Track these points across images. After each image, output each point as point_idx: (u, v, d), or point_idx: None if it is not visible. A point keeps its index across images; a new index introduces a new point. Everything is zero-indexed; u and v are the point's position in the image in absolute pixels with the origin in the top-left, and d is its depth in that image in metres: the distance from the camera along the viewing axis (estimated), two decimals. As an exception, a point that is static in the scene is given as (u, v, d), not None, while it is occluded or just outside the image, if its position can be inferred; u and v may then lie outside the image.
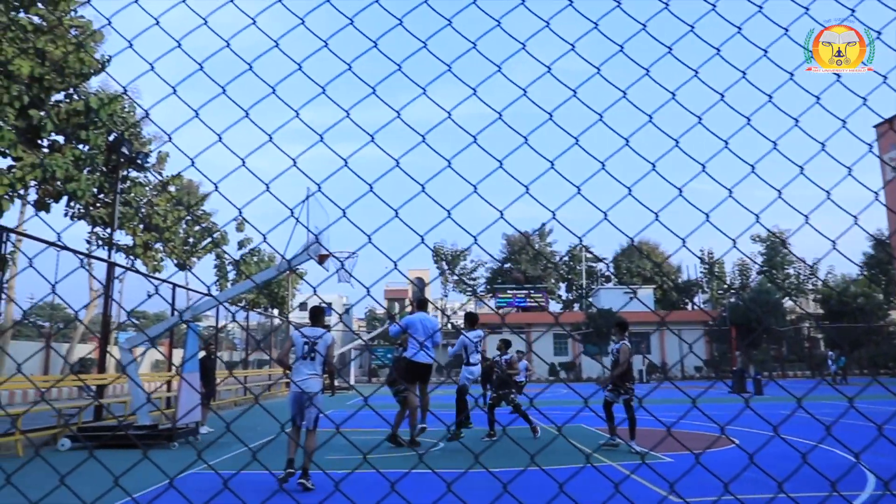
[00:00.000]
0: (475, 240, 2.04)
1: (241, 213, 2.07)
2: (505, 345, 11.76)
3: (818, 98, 2.21)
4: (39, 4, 18.98)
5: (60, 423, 10.82)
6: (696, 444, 9.32)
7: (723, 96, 2.21)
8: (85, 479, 1.87)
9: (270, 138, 2.04)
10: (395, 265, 2.10)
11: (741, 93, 2.33)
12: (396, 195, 2.06)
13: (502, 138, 2.29)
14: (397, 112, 2.09)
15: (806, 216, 2.14)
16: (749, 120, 2.20)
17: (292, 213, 2.07)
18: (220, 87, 2.08)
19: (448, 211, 2.04)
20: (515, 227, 2.19)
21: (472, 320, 10.71)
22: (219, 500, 6.07)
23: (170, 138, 2.07)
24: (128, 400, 12.59)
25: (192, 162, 2.07)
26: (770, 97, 2.19)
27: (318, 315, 7.64)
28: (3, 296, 17.72)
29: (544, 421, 11.77)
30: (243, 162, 2.03)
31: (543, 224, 55.79)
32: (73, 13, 20.13)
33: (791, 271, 54.17)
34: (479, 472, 7.06)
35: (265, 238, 2.07)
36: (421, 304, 10.41)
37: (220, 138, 2.06)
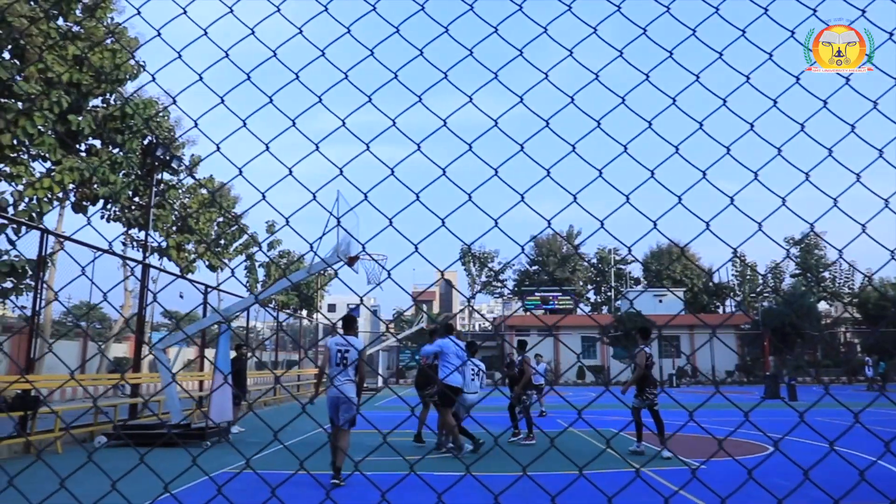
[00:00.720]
0: (522, 249, 2.03)
1: (264, 196, 2.09)
2: (521, 346, 11.82)
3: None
4: (77, 12, 19.48)
5: (98, 420, 11.07)
6: (734, 451, 9.15)
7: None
8: (119, 475, 1.90)
9: (293, 123, 2.06)
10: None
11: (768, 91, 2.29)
12: (440, 201, 2.07)
13: (549, 144, 2.28)
14: (442, 119, 2.09)
15: (863, 225, 2.09)
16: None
17: (314, 196, 2.09)
18: (245, 74, 2.11)
19: (495, 221, 2.04)
20: (541, 227, 2.18)
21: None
22: (253, 497, 6.15)
23: (196, 124, 2.10)
24: (162, 399, 12.83)
25: (218, 147, 2.11)
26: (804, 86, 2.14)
27: (349, 323, 7.98)
28: (43, 296, 18.22)
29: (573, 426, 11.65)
30: (267, 147, 2.06)
31: (581, 234, 55.57)
32: (109, 19, 20.63)
33: (827, 274, 52.90)
34: (508, 476, 7.04)
35: (287, 221, 2.08)
36: (448, 328, 10.70)
37: (245, 123, 2.09)
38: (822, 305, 51.05)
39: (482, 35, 2.14)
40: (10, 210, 18.12)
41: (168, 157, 17.87)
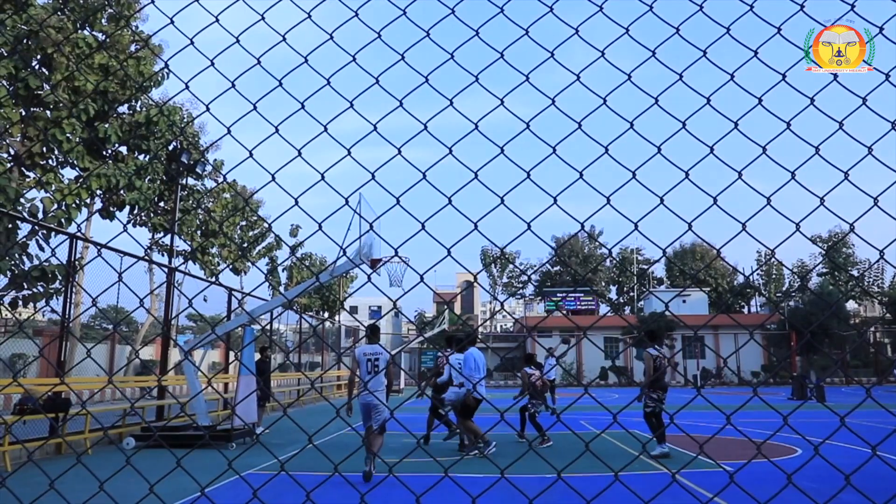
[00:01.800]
0: (555, 251, 2.04)
1: (297, 202, 2.13)
2: (527, 360, 11.98)
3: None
4: (104, 21, 19.86)
5: (125, 422, 11.26)
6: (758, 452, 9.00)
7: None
8: (150, 475, 1.95)
9: (325, 129, 2.09)
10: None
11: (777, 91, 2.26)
12: (463, 203, 2.08)
13: (578, 146, 2.28)
14: (473, 122, 2.11)
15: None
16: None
17: (347, 201, 2.12)
18: (277, 80, 2.14)
19: (528, 224, 2.05)
20: (563, 228, 2.18)
21: (454, 343, 10.69)
22: (281, 498, 6.22)
23: (228, 130, 2.15)
24: (187, 401, 13.01)
25: (251, 153, 2.15)
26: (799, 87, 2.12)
27: (375, 331, 8.44)
28: (72, 300, 18.61)
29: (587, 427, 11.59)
30: (299, 153, 2.09)
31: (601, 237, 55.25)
32: (135, 26, 20.99)
33: (855, 272, 51.91)
34: (535, 478, 7.03)
35: (320, 226, 2.11)
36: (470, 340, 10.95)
37: (277, 129, 2.12)
38: (850, 304, 50.08)
39: (510, 36, 2.15)
40: (40, 216, 18.54)
41: (192, 163, 18.12)
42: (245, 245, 29.06)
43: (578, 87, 2.14)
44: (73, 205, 19.56)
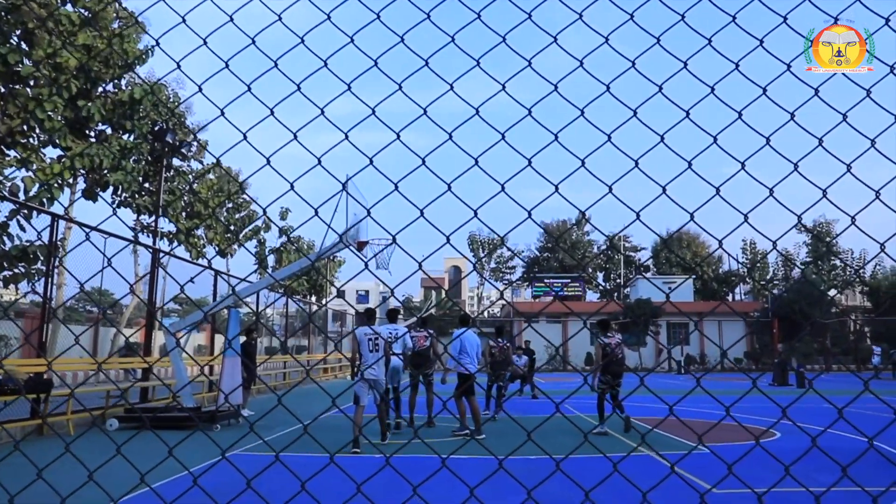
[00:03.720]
0: (556, 244, 2.00)
1: (292, 186, 2.07)
2: (498, 331, 12.92)
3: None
4: (86, -3, 19.44)
5: (109, 403, 11.18)
6: (744, 437, 9.14)
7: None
8: (134, 456, 1.91)
9: (322, 112, 2.04)
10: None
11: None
12: (457, 189, 2.03)
13: (577, 133, 2.24)
14: (474, 107, 2.06)
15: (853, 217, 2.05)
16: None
17: (344, 187, 2.08)
18: (272, 61, 2.08)
19: (528, 212, 2.01)
20: (551, 214, 2.14)
21: (392, 316, 10.52)
22: (264, 478, 6.20)
23: (222, 112, 2.08)
24: (172, 382, 12.93)
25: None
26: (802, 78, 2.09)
27: (371, 315, 9.18)
28: (54, 281, 18.39)
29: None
30: (295, 136, 2.03)
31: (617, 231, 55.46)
32: (116, 3, 20.58)
33: (838, 262, 52.51)
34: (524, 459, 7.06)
35: (316, 211, 2.05)
36: (463, 320, 11.10)
37: (272, 112, 2.06)
38: (832, 293, 50.74)
39: (513, 20, 2.10)
40: (21, 196, 18.22)
41: (178, 143, 17.89)
42: (232, 227, 28.82)
43: (580, 74, 2.10)
44: (56, 185, 19.27)
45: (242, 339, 13.01)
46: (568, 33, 2.13)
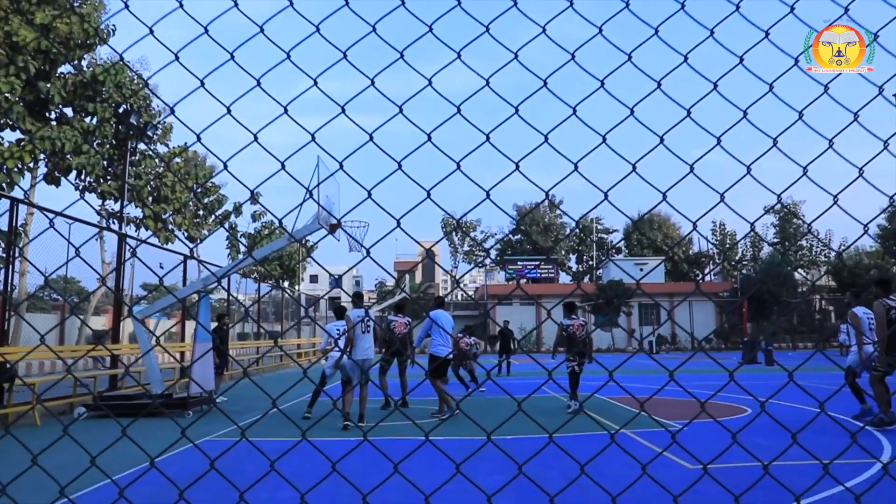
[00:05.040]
0: (518, 221, 1.94)
1: (252, 193, 1.97)
2: (570, 308, 11.43)
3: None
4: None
5: (77, 391, 10.92)
6: (715, 414, 9.24)
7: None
8: (101, 445, 1.81)
9: (315, 83, 1.93)
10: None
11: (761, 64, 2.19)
12: (416, 169, 1.95)
13: (540, 110, 2.16)
14: (428, 81, 1.96)
15: (835, 196, 2.02)
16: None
17: (341, 165, 1.98)
18: (229, 53, 1.96)
19: (487, 193, 1.93)
20: (524, 197, 2.06)
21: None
22: (237, 463, 6.10)
23: (172, 110, 1.96)
24: (142, 370, 12.68)
25: (199, 137, 1.97)
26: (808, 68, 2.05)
27: (360, 297, 10.06)
28: (17, 269, 17.84)
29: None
30: (285, 109, 1.93)
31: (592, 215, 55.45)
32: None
33: (804, 243, 53.68)
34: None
35: (310, 193, 1.96)
36: (439, 302, 11.13)
37: (229, 110, 1.95)
38: (798, 274, 51.87)
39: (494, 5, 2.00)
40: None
41: (141, 125, 17.41)
42: (201, 212, 28.28)
43: (546, 43, 2.02)
44: (16, 168, 18.66)
45: (214, 324, 12.80)
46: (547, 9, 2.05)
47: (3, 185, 17.93)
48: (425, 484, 2.09)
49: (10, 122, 18.37)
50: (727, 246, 53.81)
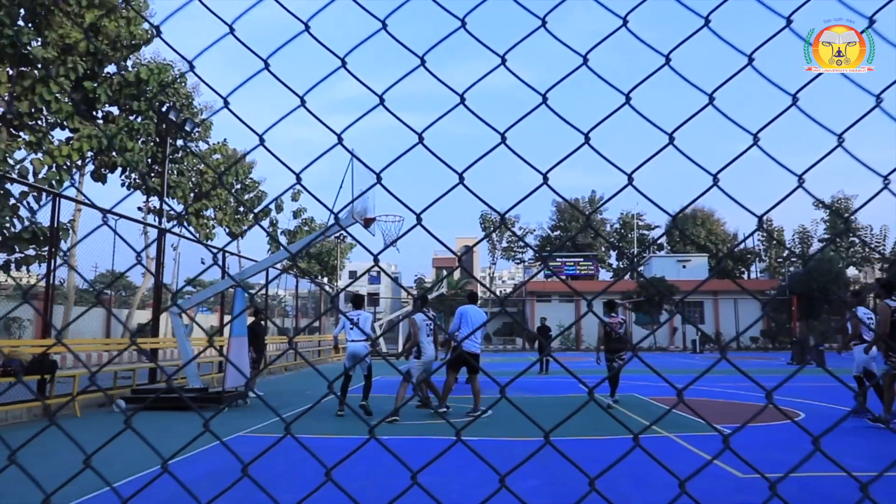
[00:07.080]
0: (586, 217, 1.75)
1: (297, 176, 1.85)
2: (611, 306, 11.52)
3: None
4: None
5: (117, 384, 11.13)
6: (765, 417, 8.87)
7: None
8: (136, 438, 1.73)
9: (351, 75, 1.78)
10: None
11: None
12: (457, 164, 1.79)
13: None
14: (448, 89, 1.80)
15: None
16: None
17: (361, 165, 1.84)
18: (262, 61, 1.83)
19: (545, 175, 1.76)
20: (565, 195, 1.88)
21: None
22: (268, 459, 6.06)
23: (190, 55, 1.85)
24: (179, 364, 12.89)
25: (262, 140, 1.86)
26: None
27: (425, 300, 10.36)
28: (65, 264, 18.42)
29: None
30: (302, 102, 1.80)
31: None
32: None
33: (856, 239, 51.62)
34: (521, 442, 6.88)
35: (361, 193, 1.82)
36: (471, 297, 10.61)
37: (280, 86, 1.82)
38: (851, 271, 49.98)
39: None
40: (31, 178, 18.18)
41: (181, 121, 17.72)
42: (242, 209, 28.73)
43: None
44: (65, 167, 19.20)
45: (250, 319, 12.90)
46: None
47: (53, 182, 18.46)
48: (457, 481, 1.93)
49: (60, 122, 18.91)
50: (781, 245, 52.15)
